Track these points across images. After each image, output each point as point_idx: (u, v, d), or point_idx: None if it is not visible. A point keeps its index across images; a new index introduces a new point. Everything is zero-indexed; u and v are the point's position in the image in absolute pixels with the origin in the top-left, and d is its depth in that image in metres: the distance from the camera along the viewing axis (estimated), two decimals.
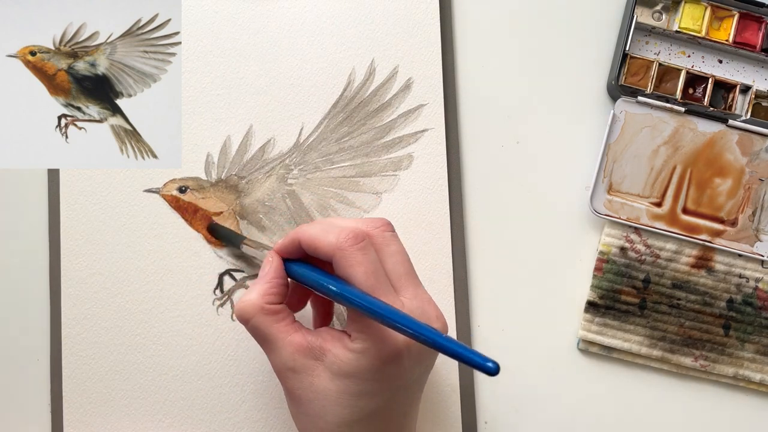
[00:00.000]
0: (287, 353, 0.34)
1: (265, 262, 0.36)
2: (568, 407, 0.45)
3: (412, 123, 0.45)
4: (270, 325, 0.34)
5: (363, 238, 0.33)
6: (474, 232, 0.45)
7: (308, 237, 0.34)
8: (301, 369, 0.33)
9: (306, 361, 0.33)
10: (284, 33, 0.45)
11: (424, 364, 0.35)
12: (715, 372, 0.45)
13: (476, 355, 0.27)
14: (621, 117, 0.45)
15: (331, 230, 0.33)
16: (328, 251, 0.33)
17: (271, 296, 0.34)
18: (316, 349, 0.33)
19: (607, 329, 0.44)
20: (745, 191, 0.45)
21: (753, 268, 0.45)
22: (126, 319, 0.43)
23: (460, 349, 0.28)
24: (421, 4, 0.45)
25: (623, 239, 0.45)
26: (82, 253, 0.43)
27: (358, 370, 0.32)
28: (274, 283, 0.35)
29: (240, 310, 0.34)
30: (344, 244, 0.32)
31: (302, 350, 0.33)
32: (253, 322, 0.34)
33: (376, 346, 0.32)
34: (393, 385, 0.33)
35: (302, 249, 0.34)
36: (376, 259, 0.33)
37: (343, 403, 0.33)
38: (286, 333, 0.34)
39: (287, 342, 0.34)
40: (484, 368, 0.27)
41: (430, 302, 0.34)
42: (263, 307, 0.34)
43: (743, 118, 0.45)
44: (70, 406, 0.42)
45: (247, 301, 0.34)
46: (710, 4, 0.45)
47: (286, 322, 0.34)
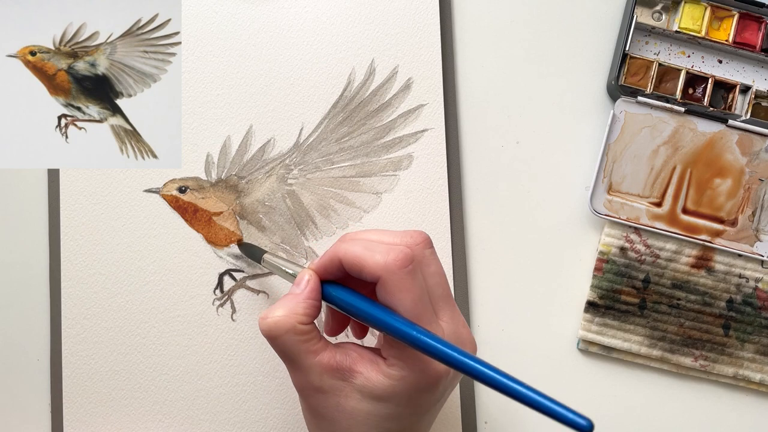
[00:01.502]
0: (314, 374, 0.32)
1: (299, 279, 0.34)
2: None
3: (412, 123, 0.45)
4: (299, 344, 0.32)
5: (412, 260, 0.31)
6: (474, 232, 0.45)
7: (352, 256, 0.32)
8: (327, 389, 0.32)
9: (334, 382, 0.32)
10: (284, 33, 0.45)
11: (453, 385, 0.34)
12: (714, 372, 0.45)
13: (553, 403, 0.26)
14: (621, 117, 0.45)
15: (376, 249, 0.31)
16: (375, 272, 0.31)
17: (304, 316, 0.33)
18: (345, 371, 0.32)
19: (607, 329, 0.44)
20: (744, 191, 0.45)
21: (753, 268, 0.45)
22: (126, 319, 0.43)
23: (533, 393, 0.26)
24: (421, 4, 0.45)
25: (623, 239, 0.45)
26: (82, 253, 0.43)
27: (392, 396, 0.31)
28: (309, 303, 0.33)
29: (269, 327, 0.32)
30: (394, 266, 0.30)
31: (330, 371, 0.32)
32: (281, 341, 0.32)
33: (414, 375, 0.31)
34: (423, 411, 0.33)
35: (341, 268, 0.33)
36: (423, 284, 0.32)
37: (369, 424, 0.32)
38: (314, 354, 0.32)
39: (315, 363, 0.32)
40: (571, 423, 0.25)
41: (465, 326, 0.33)
42: (295, 327, 0.32)
43: (743, 118, 0.45)
44: (70, 406, 0.42)
45: (277, 318, 0.32)
46: (710, 4, 0.45)
47: (314, 342, 0.33)
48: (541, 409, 0.26)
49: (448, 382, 0.32)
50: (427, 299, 0.32)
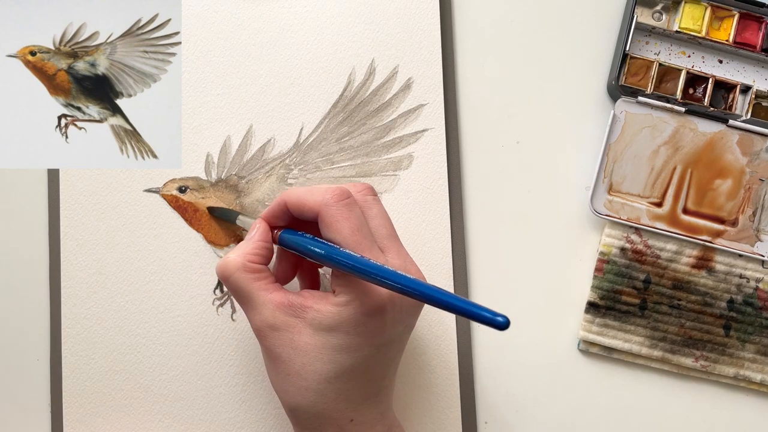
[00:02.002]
0: (267, 310, 0.34)
1: (251, 227, 0.37)
2: (569, 408, 0.45)
3: (412, 123, 0.45)
4: (250, 282, 0.34)
5: (348, 196, 0.33)
6: (474, 232, 0.45)
7: (295, 198, 0.34)
8: (281, 326, 0.34)
9: (286, 318, 0.34)
10: (284, 33, 0.45)
11: (406, 323, 0.35)
12: (715, 372, 0.45)
13: (472, 305, 0.27)
14: (621, 117, 0.45)
15: (316, 190, 0.34)
16: (314, 208, 0.33)
17: (253, 256, 0.35)
18: (297, 307, 0.34)
19: (607, 330, 0.44)
20: (745, 191, 0.45)
21: (753, 269, 0.45)
22: (126, 319, 0.43)
23: (453, 300, 0.28)
24: (421, 4, 0.45)
25: (624, 240, 0.45)
26: (82, 253, 0.43)
27: (340, 322, 0.32)
28: (258, 245, 0.36)
29: (221, 267, 0.35)
30: (330, 200, 0.33)
31: (283, 307, 0.34)
32: (233, 279, 0.35)
33: (359, 299, 0.32)
34: (374, 341, 0.33)
35: (289, 213, 0.35)
36: (361, 216, 0.34)
37: (323, 359, 0.33)
38: (266, 291, 0.34)
39: (268, 299, 0.34)
40: (487, 320, 0.27)
41: (413, 263, 0.35)
42: (245, 264, 0.35)
43: (743, 118, 0.45)
44: (70, 406, 0.42)
45: (228, 258, 0.35)
46: (710, 4, 0.45)
47: (267, 281, 0.35)
48: (457, 311, 0.28)
49: (396, 313, 0.33)
50: (367, 231, 0.34)
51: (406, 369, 0.43)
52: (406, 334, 0.36)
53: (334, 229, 0.33)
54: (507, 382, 0.44)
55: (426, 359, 0.43)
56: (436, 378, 0.43)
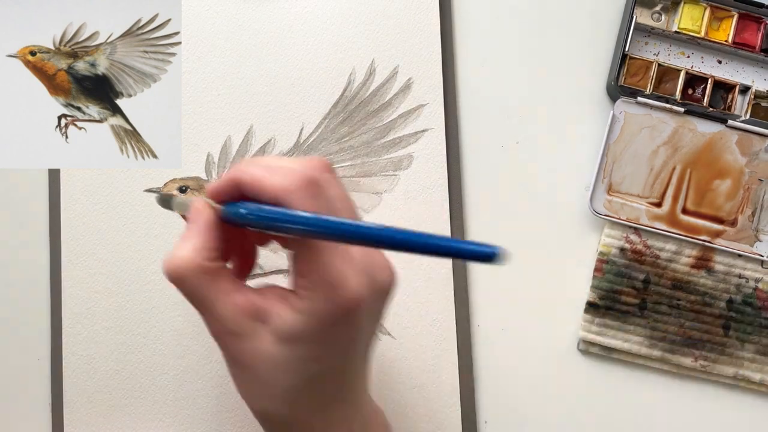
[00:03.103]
0: (229, 317, 0.29)
1: (193, 210, 0.31)
2: (569, 408, 0.45)
3: (412, 123, 0.45)
4: (209, 285, 0.29)
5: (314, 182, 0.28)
6: (474, 232, 0.45)
7: (251, 178, 0.29)
8: (244, 334, 0.29)
9: (250, 325, 0.29)
10: (284, 33, 0.45)
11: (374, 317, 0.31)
12: (715, 372, 0.45)
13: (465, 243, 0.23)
14: (620, 117, 0.45)
15: (276, 171, 0.28)
16: (274, 193, 0.28)
17: (208, 251, 0.29)
18: (260, 311, 0.29)
19: (607, 330, 0.44)
20: (744, 191, 0.45)
21: (753, 269, 0.45)
22: (126, 319, 0.43)
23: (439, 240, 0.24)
24: (421, 4, 0.45)
25: (623, 240, 0.45)
26: (82, 253, 0.43)
27: (304, 333, 0.28)
28: (210, 235, 0.30)
29: (172, 270, 0.29)
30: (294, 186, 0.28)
31: (245, 313, 0.29)
32: (189, 283, 0.29)
33: (324, 305, 0.28)
34: (343, 348, 0.30)
35: (239, 192, 0.30)
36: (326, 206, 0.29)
37: (289, 369, 0.29)
38: (226, 294, 0.29)
39: (229, 304, 0.29)
40: (481, 255, 0.23)
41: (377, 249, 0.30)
42: (201, 265, 0.29)
43: (742, 119, 0.45)
44: (70, 406, 0.42)
45: (180, 258, 0.29)
46: (709, 5, 0.45)
47: (225, 281, 0.30)
48: (443, 252, 0.24)
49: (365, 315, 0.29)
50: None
51: (406, 369, 0.43)
52: (376, 325, 0.32)
53: None
54: (507, 382, 0.45)
55: (426, 359, 0.43)
56: (436, 378, 0.43)
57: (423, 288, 0.44)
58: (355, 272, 0.28)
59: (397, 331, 0.44)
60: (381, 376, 0.43)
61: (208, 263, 0.29)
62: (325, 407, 0.31)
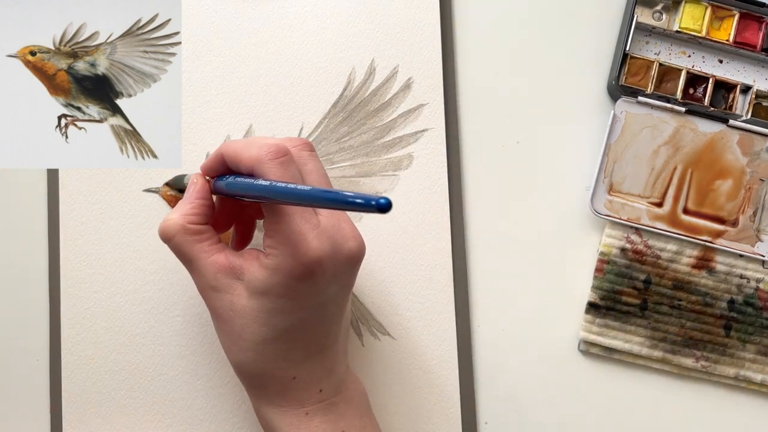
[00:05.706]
0: (209, 272, 0.34)
1: (189, 184, 0.36)
2: (569, 408, 0.45)
3: (412, 123, 0.45)
4: (192, 244, 0.35)
5: (285, 153, 0.33)
6: (474, 232, 0.45)
7: (231, 151, 0.34)
8: (222, 288, 0.34)
9: (227, 281, 0.34)
10: (284, 33, 0.45)
11: (342, 282, 0.34)
12: (716, 373, 0.45)
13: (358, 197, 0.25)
14: (621, 117, 0.45)
15: (253, 144, 0.33)
16: (249, 164, 0.33)
17: (193, 216, 0.35)
18: (236, 269, 0.34)
19: (608, 330, 0.44)
20: (745, 191, 0.45)
21: (754, 269, 0.45)
22: (126, 319, 0.43)
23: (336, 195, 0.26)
24: (421, 4, 0.45)
25: (624, 240, 0.45)
26: (81, 253, 0.43)
27: (271, 287, 0.32)
28: (197, 203, 0.35)
29: (162, 229, 0.35)
30: (265, 157, 0.32)
31: (224, 270, 0.34)
32: (175, 241, 0.35)
33: (288, 261, 0.32)
34: (307, 303, 0.33)
35: (226, 166, 0.35)
36: (297, 174, 0.33)
37: (259, 321, 0.33)
38: (208, 253, 0.34)
39: (210, 262, 0.34)
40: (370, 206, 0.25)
41: (347, 220, 0.34)
42: (185, 226, 0.35)
43: (744, 118, 0.45)
44: (69, 406, 0.42)
45: (169, 220, 0.35)
46: (710, 4, 0.45)
47: (209, 242, 0.35)
48: (335, 205, 0.26)
49: (327, 275, 0.33)
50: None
51: (406, 369, 0.43)
52: (345, 291, 0.35)
53: None
54: (507, 382, 0.44)
55: (426, 359, 0.43)
56: (436, 378, 0.43)
57: (423, 288, 0.44)
58: (317, 235, 0.32)
59: (397, 331, 0.44)
60: (381, 377, 0.43)
61: (192, 226, 0.35)
62: (294, 364, 0.35)
